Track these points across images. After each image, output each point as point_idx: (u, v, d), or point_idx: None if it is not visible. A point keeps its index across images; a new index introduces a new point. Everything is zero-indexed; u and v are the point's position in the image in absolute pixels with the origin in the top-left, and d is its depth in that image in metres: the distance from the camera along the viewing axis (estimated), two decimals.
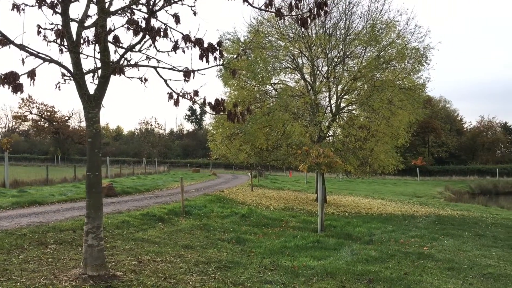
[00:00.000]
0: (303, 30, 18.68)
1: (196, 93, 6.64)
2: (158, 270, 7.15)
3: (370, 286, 7.28)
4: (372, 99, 17.65)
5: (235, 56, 14.96)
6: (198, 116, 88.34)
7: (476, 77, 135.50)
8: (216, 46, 6.46)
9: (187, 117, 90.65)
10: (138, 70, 6.54)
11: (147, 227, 10.95)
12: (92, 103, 6.23)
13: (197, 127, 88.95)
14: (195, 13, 6.27)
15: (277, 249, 9.62)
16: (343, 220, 14.42)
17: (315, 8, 7.17)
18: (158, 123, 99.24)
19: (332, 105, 20.11)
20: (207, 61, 6.41)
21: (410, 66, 18.64)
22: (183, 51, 6.42)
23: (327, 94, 19.93)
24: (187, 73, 6.51)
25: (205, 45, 6.37)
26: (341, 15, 18.42)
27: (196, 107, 77.67)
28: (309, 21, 7.36)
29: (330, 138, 20.43)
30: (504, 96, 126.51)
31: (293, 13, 7.22)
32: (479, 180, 54.03)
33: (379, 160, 18.93)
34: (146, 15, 6.10)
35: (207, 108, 6.89)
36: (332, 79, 18.98)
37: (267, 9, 6.78)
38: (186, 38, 6.35)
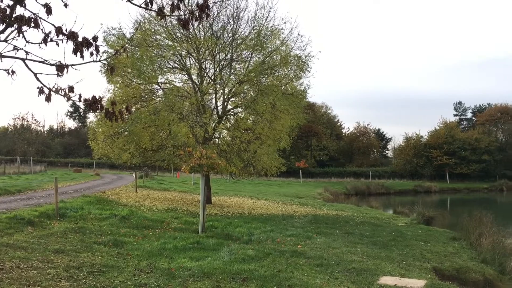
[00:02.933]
0: (191, 31, 18.66)
1: (71, 89, 6.28)
2: (22, 277, 6.66)
3: (244, 284, 7.51)
4: (256, 103, 18.22)
5: (120, 52, 14.43)
6: (81, 113, 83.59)
7: (354, 86, 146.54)
8: (91, 41, 6.18)
9: (69, 113, 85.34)
10: (1, 61, 6.01)
11: (13, 231, 10.11)
12: None
13: (80, 124, 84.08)
14: (66, 5, 5.94)
15: (155, 251, 9.49)
16: (225, 220, 14.67)
17: (198, 11, 7.21)
18: (35, 119, 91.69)
19: (219, 107, 20.37)
20: (82, 56, 6.11)
21: (292, 73, 19.59)
22: (57, 44, 6.05)
23: (214, 96, 20.14)
24: (60, 68, 6.13)
25: (80, 39, 6.07)
26: (229, 19, 18.77)
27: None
28: (190, 23, 7.39)
29: (216, 139, 20.64)
30: (377, 104, 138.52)
31: (176, 13, 7.17)
32: (354, 181, 58.33)
33: (262, 162, 19.56)
34: (12, 2, 5.65)
35: (83, 106, 6.57)
36: (219, 81, 19.22)
37: (147, 7, 6.66)
38: (59, 30, 5.99)
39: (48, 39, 6.03)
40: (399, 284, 8.05)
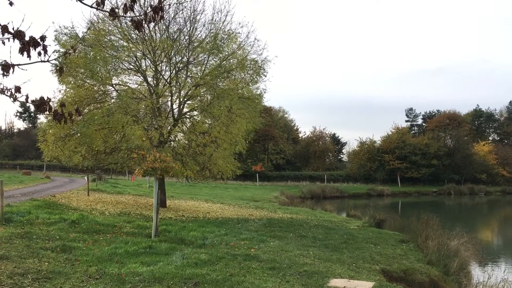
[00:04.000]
0: (146, 32, 18.41)
1: (18, 89, 6.06)
2: None
3: None
4: (212, 106, 18.18)
5: (70, 52, 14.04)
6: (31, 114, 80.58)
7: (311, 91, 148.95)
8: (39, 40, 6.01)
9: (18, 114, 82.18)
10: None
11: None
12: None
13: (30, 125, 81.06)
14: (11, 3, 5.75)
15: (106, 256, 9.27)
16: (179, 224, 14.52)
17: (151, 12, 7.14)
18: None
19: (175, 110, 20.16)
20: (29, 56, 5.92)
21: (249, 77, 19.69)
22: (3, 43, 5.85)
23: (170, 99, 19.92)
24: (6, 67, 5.91)
25: (27, 38, 5.89)
26: (186, 21, 18.63)
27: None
28: (144, 25, 7.30)
29: (172, 142, 20.42)
30: (333, 109, 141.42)
31: (129, 14, 7.07)
32: (310, 185, 59.08)
33: (218, 165, 19.53)
34: None
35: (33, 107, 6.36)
36: (175, 84, 19.04)
37: (99, 8, 6.53)
38: (4, 28, 5.79)
39: None
40: (348, 286, 8.25)
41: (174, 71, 19.23)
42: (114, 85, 19.07)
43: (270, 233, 14.26)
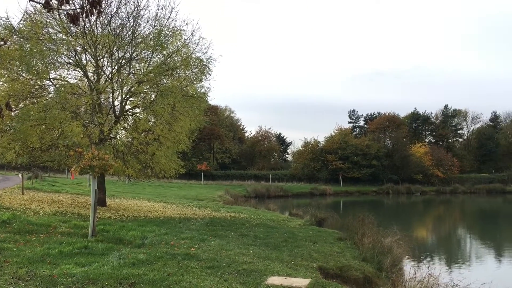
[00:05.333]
0: (87, 26, 17.84)
1: None
2: None
3: None
4: (156, 104, 17.90)
5: (2, 43, 13.34)
6: None
7: (258, 91, 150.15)
8: None
9: None
10: None
11: None
12: None
13: None
14: None
15: (37, 258, 8.93)
16: (119, 224, 14.20)
17: (88, 6, 6.96)
18: None
19: (117, 107, 19.67)
20: None
21: (193, 75, 19.55)
22: None
23: (111, 95, 19.40)
24: None
25: None
26: (129, 16, 18.19)
27: None
28: (82, 19, 7.10)
29: (113, 140, 19.90)
30: (279, 109, 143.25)
31: (65, 7, 6.86)
32: (255, 184, 59.57)
33: (160, 164, 19.26)
34: None
35: None
36: (117, 80, 18.58)
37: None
38: None
39: None
40: (285, 284, 8.41)
41: (116, 67, 18.74)
42: (52, 80, 18.30)
43: (211, 232, 14.25)
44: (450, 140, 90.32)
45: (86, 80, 18.99)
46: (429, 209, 49.01)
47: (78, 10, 6.94)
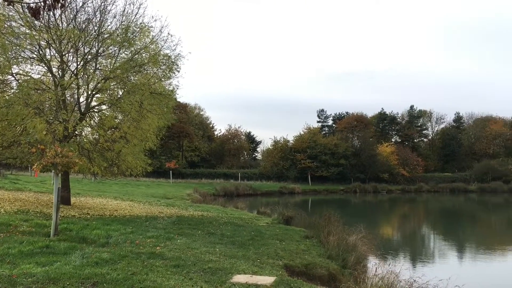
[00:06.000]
0: (52, 20, 17.38)
1: None
2: None
3: None
4: (122, 101, 17.62)
5: None
6: None
7: (227, 89, 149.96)
8: None
9: None
10: None
11: None
12: None
13: None
14: None
15: None
16: (83, 223, 13.91)
17: (51, 0, 6.82)
18: None
19: (82, 103, 19.25)
20: None
21: (161, 72, 19.34)
22: None
23: (77, 91, 18.97)
24: None
25: None
26: (95, 11, 17.81)
27: None
28: (42, 12, 6.99)
29: (78, 137, 19.48)
30: (249, 108, 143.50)
31: (26, 0, 6.72)
32: (224, 183, 59.55)
33: (127, 162, 18.97)
34: None
35: None
36: (82, 76, 18.18)
37: None
38: None
39: None
40: (250, 282, 8.44)
41: (81, 63, 18.33)
42: (14, 75, 17.75)
43: (178, 230, 14.15)
44: (415, 140, 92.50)
45: (50, 75, 18.49)
46: (394, 207, 50.13)
47: (40, 4, 6.79)
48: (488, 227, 32.71)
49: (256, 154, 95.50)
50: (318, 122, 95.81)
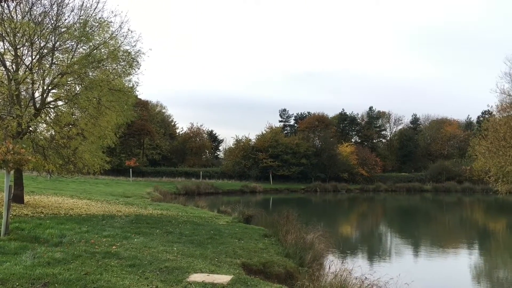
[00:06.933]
0: (6, 12, 16.78)
1: None
2: None
3: None
4: (80, 97, 17.22)
5: None
6: None
7: (189, 87, 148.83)
8: None
9: None
10: None
11: None
12: None
13: None
14: None
15: None
16: (35, 222, 13.50)
17: None
18: None
19: (37, 99, 18.66)
20: None
21: (121, 68, 19.00)
22: None
23: (31, 86, 18.37)
24: None
25: None
26: (52, 4, 17.32)
27: None
28: None
29: (32, 134, 18.88)
30: (211, 106, 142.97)
31: None
32: (185, 181, 59.11)
33: (84, 159, 18.56)
34: None
35: None
36: (37, 71, 17.63)
37: None
38: None
39: None
40: (207, 280, 8.44)
41: (37, 57, 17.77)
42: None
43: (135, 229, 13.96)
44: (374, 141, 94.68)
45: (3, 69, 17.85)
46: (353, 206, 51.19)
47: None
48: (442, 225, 33.93)
49: (218, 152, 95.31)
50: (280, 121, 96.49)
